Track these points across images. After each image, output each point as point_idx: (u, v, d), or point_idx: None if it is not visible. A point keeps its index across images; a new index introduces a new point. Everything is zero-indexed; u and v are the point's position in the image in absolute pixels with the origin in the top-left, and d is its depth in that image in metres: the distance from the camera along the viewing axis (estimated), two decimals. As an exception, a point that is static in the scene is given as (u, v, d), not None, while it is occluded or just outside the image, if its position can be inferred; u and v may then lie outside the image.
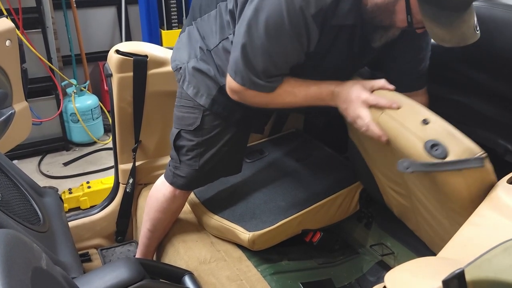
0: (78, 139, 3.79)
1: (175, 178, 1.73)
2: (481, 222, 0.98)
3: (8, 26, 1.95)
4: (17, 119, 2.04)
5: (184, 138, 1.68)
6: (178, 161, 1.71)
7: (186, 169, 1.70)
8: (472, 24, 1.24)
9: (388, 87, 1.36)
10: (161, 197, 1.79)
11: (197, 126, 1.63)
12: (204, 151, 1.67)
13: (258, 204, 1.84)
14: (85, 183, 2.98)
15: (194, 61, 1.62)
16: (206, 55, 1.60)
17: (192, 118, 1.64)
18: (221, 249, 1.80)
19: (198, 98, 1.61)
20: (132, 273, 1.27)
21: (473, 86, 1.78)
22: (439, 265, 0.81)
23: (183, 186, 1.75)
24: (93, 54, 4.14)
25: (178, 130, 1.68)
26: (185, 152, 1.68)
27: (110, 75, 1.99)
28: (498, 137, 1.53)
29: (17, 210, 1.36)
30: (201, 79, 1.61)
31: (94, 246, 2.27)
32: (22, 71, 2.08)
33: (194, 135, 1.65)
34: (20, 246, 0.75)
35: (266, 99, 1.46)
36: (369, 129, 1.32)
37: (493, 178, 1.15)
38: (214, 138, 1.65)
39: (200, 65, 1.60)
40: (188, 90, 1.63)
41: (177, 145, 1.69)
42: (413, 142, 1.21)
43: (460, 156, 1.14)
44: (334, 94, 1.40)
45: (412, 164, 1.19)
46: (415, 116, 1.24)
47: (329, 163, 2.08)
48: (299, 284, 1.72)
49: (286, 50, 1.36)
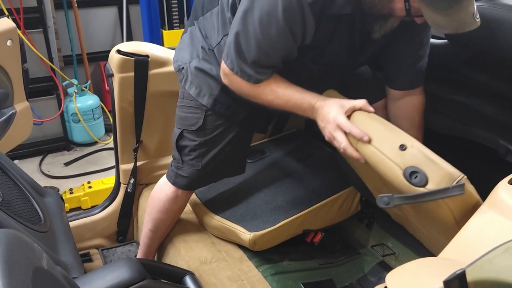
0: (79, 139, 3.80)
1: (178, 178, 1.73)
2: (482, 223, 0.98)
3: (9, 26, 1.95)
4: (18, 119, 2.04)
5: (186, 138, 1.67)
6: (180, 161, 1.70)
7: (189, 169, 1.70)
8: (471, 11, 1.22)
9: (368, 109, 1.33)
10: (163, 197, 1.79)
11: (200, 126, 1.63)
12: (206, 151, 1.66)
13: (259, 204, 1.84)
14: (86, 183, 2.98)
15: (196, 61, 1.62)
16: (209, 54, 1.60)
17: (194, 118, 1.64)
18: (222, 250, 1.80)
19: (201, 98, 1.61)
20: (133, 273, 1.26)
21: (473, 86, 1.78)
22: (440, 266, 0.81)
23: (185, 186, 1.74)
24: (94, 54, 4.14)
25: (181, 130, 1.68)
26: (187, 152, 1.68)
27: (111, 75, 1.99)
28: (498, 137, 1.53)
29: (18, 210, 1.36)
30: (203, 78, 1.61)
31: (95, 246, 2.27)
32: (23, 71, 2.08)
33: (196, 135, 1.65)
34: (21, 246, 0.75)
35: (250, 91, 1.45)
36: (346, 152, 1.30)
37: (476, 199, 1.14)
38: (216, 138, 1.65)
39: (202, 65, 1.60)
40: (190, 90, 1.63)
41: (180, 145, 1.69)
42: (392, 169, 1.19)
43: (440, 182, 1.12)
44: (314, 109, 1.38)
45: (392, 199, 1.16)
46: (393, 142, 1.21)
47: (330, 163, 2.08)
48: (300, 284, 1.72)
49: (278, 39, 1.34)
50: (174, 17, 3.97)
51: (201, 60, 1.61)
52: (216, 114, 1.62)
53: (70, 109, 3.68)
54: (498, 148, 1.52)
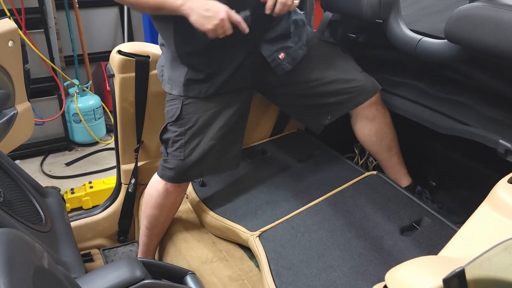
0: (80, 139, 3.80)
1: (164, 171, 1.77)
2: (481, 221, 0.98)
3: (10, 26, 1.95)
4: (20, 120, 2.04)
5: (169, 131, 1.76)
6: (166, 154, 1.77)
7: (173, 161, 1.74)
8: None
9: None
10: (154, 193, 1.82)
11: (178, 115, 1.72)
12: (188, 141, 1.73)
13: (260, 204, 1.85)
14: (87, 183, 2.98)
15: (160, 59, 1.81)
16: (163, 49, 1.77)
17: (174, 109, 1.73)
18: (222, 249, 1.80)
19: (174, 90, 1.73)
20: (134, 273, 1.27)
21: (473, 86, 1.78)
22: (439, 264, 0.81)
23: (172, 179, 1.77)
24: (95, 55, 4.14)
25: (165, 124, 1.77)
26: (170, 144, 1.75)
27: (112, 75, 1.99)
28: (498, 137, 1.53)
29: (20, 210, 1.37)
30: (168, 72, 1.74)
31: (96, 246, 2.27)
32: (25, 72, 2.08)
33: (177, 126, 1.73)
34: (22, 246, 0.75)
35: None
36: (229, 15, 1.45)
37: None
38: (196, 128, 1.72)
39: (162, 60, 1.79)
40: (165, 88, 1.77)
41: (163, 138, 1.78)
42: None
43: None
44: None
45: None
46: None
47: (330, 163, 2.08)
48: (301, 284, 1.72)
49: None
50: (174, 17, 3.97)
51: (161, 56, 1.80)
52: (192, 101, 1.71)
53: (71, 109, 3.69)
54: (498, 148, 1.52)
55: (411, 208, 1.71)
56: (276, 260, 1.56)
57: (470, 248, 0.91)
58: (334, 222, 1.68)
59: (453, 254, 0.91)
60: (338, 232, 1.64)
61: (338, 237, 1.62)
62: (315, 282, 1.45)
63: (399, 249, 1.50)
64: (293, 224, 1.71)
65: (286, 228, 1.69)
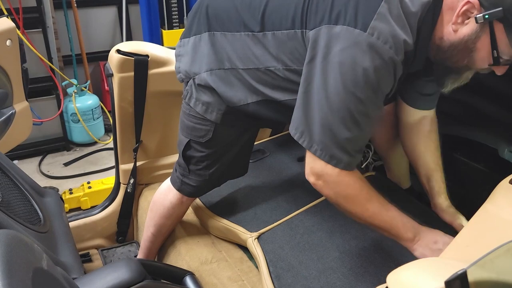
0: (78, 139, 3.80)
1: (183, 186, 1.70)
2: (483, 223, 0.98)
3: (8, 26, 1.95)
4: (18, 119, 2.04)
5: (194, 149, 1.60)
6: (187, 170, 1.65)
7: (196, 178, 1.66)
8: None
9: None
10: (167, 204, 1.76)
11: (209, 138, 1.55)
12: (215, 161, 1.62)
13: (260, 204, 1.84)
14: (86, 183, 2.98)
15: (205, 75, 1.47)
16: (226, 73, 1.44)
17: (203, 130, 1.55)
18: (222, 250, 1.80)
19: (208, 114, 1.52)
20: (133, 274, 1.26)
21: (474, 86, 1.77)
22: (441, 266, 0.81)
23: (192, 194, 1.73)
24: (94, 54, 4.14)
25: (188, 140, 1.59)
26: (195, 162, 1.63)
27: (111, 75, 1.99)
28: (499, 137, 1.53)
29: (18, 210, 1.36)
30: (210, 95, 1.50)
31: (95, 247, 2.26)
32: (23, 71, 2.08)
33: (205, 147, 1.58)
34: (21, 247, 0.75)
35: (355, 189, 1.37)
36: None
37: None
38: (226, 148, 1.61)
39: (211, 82, 1.46)
40: (196, 108, 1.52)
41: (187, 155, 1.62)
42: None
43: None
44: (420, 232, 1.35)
45: None
46: None
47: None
48: (300, 284, 1.72)
49: (372, 102, 1.22)
50: (173, 17, 3.97)
51: (212, 75, 1.46)
52: (226, 125, 1.54)
53: (69, 109, 3.68)
54: (499, 148, 1.52)
55: (411, 209, 1.70)
56: (275, 262, 1.55)
57: (472, 249, 0.90)
58: (333, 223, 1.68)
59: (455, 256, 0.91)
60: (337, 233, 1.64)
61: (337, 238, 1.61)
62: (315, 284, 1.44)
63: (399, 250, 1.50)
64: (292, 225, 1.70)
65: (285, 229, 1.69)
